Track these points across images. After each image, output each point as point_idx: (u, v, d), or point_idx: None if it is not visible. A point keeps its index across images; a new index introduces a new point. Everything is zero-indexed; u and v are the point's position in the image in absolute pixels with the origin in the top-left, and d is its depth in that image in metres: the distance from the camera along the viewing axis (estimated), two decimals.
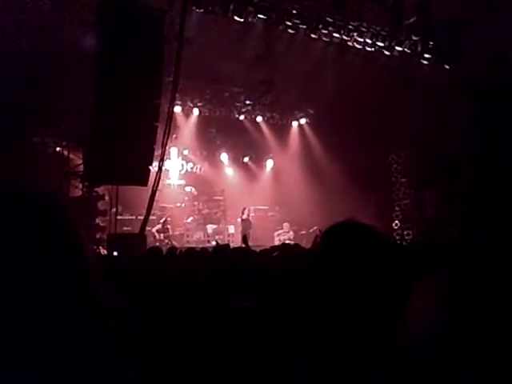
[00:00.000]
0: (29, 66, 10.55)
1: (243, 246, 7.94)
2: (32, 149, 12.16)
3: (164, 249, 8.40)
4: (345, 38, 12.62)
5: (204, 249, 5.06)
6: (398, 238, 14.76)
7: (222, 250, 4.12)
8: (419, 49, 13.14)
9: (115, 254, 9.20)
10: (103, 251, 11.04)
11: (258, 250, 7.19)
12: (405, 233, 15.09)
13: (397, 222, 15.45)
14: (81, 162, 11.88)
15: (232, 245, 11.69)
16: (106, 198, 12.37)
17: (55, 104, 11.56)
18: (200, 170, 18.03)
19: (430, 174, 14.43)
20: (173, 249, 6.92)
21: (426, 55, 13.30)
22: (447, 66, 13.36)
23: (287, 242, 12.92)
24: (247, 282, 3.21)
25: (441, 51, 13.19)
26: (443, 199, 14.02)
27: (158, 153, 11.18)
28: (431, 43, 13.14)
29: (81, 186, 11.77)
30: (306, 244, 8.52)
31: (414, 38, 13.02)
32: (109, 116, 9.51)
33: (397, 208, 15.60)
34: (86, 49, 10.46)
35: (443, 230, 12.97)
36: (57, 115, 12.01)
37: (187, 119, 16.91)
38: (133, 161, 9.77)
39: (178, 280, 3.43)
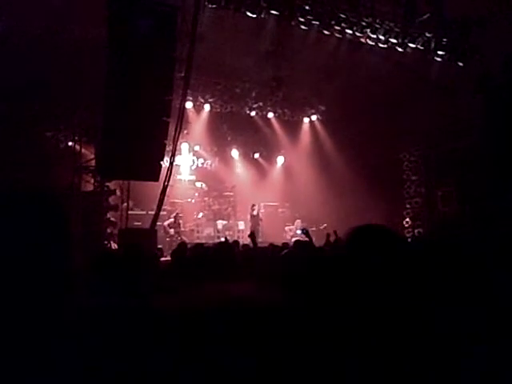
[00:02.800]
0: (41, 61, 10.61)
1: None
2: (45, 144, 12.24)
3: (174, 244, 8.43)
4: (358, 34, 12.53)
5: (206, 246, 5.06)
6: (408, 235, 14.70)
7: (225, 247, 4.11)
8: (432, 46, 13.02)
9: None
10: (114, 245, 11.12)
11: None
12: (415, 231, 15.02)
13: (407, 219, 15.38)
14: (93, 156, 11.95)
15: (241, 241, 11.75)
16: (118, 193, 12.43)
17: (67, 99, 11.62)
18: (211, 165, 18.06)
19: (441, 172, 14.34)
20: (183, 244, 6.93)
21: (440, 52, 13.17)
22: (460, 64, 13.23)
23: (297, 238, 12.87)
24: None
25: (454, 48, 13.06)
26: (455, 198, 13.94)
27: (169, 148, 11.22)
28: (444, 40, 13.01)
29: (92, 180, 11.83)
30: (317, 241, 8.49)
31: (428, 34, 12.90)
32: (120, 111, 9.53)
33: (408, 206, 15.53)
34: (99, 43, 10.48)
35: (455, 229, 12.89)
36: (69, 110, 12.08)
37: (198, 115, 16.92)
38: (144, 156, 9.80)
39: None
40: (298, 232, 14.67)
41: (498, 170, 11.94)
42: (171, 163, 11.02)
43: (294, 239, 13.04)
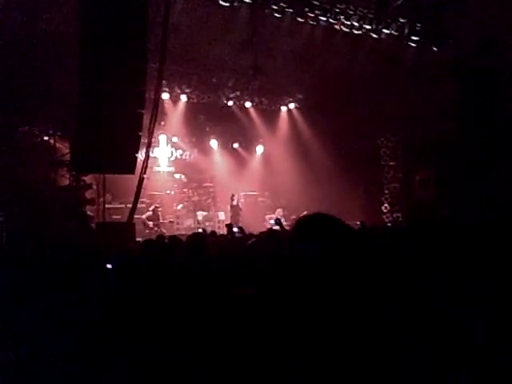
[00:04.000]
0: (14, 54, 10.43)
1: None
2: (20, 139, 12.04)
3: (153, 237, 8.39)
4: (332, 20, 12.52)
5: (177, 238, 5.03)
6: (387, 220, 14.83)
7: (197, 239, 4.09)
8: (406, 31, 13.07)
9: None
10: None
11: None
12: (394, 215, 15.14)
13: (386, 205, 15.50)
14: (68, 151, 11.79)
15: (220, 231, 11.74)
16: (94, 186, 12.29)
17: (41, 93, 11.43)
18: (189, 156, 17.94)
19: (419, 156, 14.44)
20: (161, 237, 6.89)
21: (414, 37, 13.23)
22: (435, 49, 13.30)
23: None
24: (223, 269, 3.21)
25: (428, 33, 13.12)
26: (433, 182, 14.06)
27: (145, 140, 11.12)
28: (418, 25, 13.07)
29: (68, 175, 11.68)
30: None
31: (401, 20, 12.95)
32: (93, 104, 9.42)
33: (386, 191, 15.64)
34: (71, 35, 10.32)
35: (432, 212, 13.02)
36: (43, 104, 11.89)
37: (175, 106, 16.79)
38: (119, 149, 9.69)
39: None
40: (272, 222, 14.71)
41: (475, 154, 12.06)
42: (147, 155, 10.93)
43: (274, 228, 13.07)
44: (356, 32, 12.91)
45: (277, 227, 10.69)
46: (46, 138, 12.54)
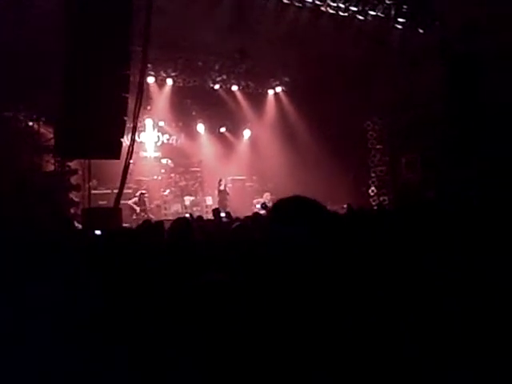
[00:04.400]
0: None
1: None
2: (3, 124, 11.89)
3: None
4: (317, 2, 12.44)
5: (160, 222, 5.02)
6: (374, 203, 14.90)
7: (181, 224, 4.08)
8: (393, 13, 13.03)
9: (98, 232, 9.12)
10: (78, 226, 10.96)
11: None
12: (381, 199, 15.22)
13: (373, 188, 15.57)
14: (52, 136, 11.67)
15: (208, 216, 11.73)
16: (80, 172, 12.20)
17: (26, 77, 11.28)
18: (176, 141, 17.82)
19: (405, 139, 14.49)
20: (146, 222, 6.86)
21: (400, 19, 13.19)
22: (421, 31, 13.28)
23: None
24: (205, 255, 3.21)
25: (414, 15, 13.08)
26: (419, 164, 14.13)
27: (130, 125, 11.02)
28: (405, 7, 13.02)
29: (53, 160, 11.57)
30: None
31: (388, 1, 12.90)
32: (78, 89, 9.32)
33: (373, 174, 15.70)
34: (55, 20, 10.16)
35: (419, 194, 13.10)
36: (28, 89, 11.73)
37: (161, 90, 16.65)
38: (104, 134, 9.62)
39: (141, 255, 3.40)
40: (258, 207, 14.74)
41: (460, 136, 12.12)
42: (133, 140, 10.84)
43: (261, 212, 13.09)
44: (342, 14, 12.84)
45: (263, 211, 10.72)
46: (30, 124, 12.40)
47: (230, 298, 1.72)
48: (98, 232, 9.19)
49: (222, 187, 15.91)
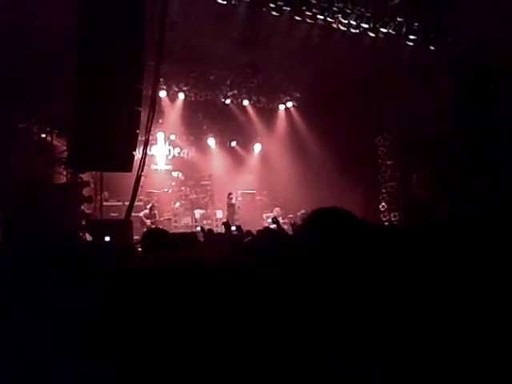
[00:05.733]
0: (10, 51, 10.41)
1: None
2: (18, 136, 12.02)
3: None
4: (329, 19, 12.53)
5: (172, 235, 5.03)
6: (384, 219, 14.84)
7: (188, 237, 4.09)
8: (404, 30, 13.08)
9: (107, 239, 9.18)
10: (89, 237, 11.02)
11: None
12: (392, 214, 15.16)
13: (383, 204, 15.52)
14: (65, 148, 11.77)
15: (218, 230, 11.74)
16: (92, 184, 12.29)
17: (39, 90, 11.42)
18: (187, 154, 17.92)
19: (416, 155, 14.46)
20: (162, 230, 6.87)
21: (412, 36, 13.23)
22: (432, 47, 13.32)
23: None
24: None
25: (426, 32, 13.13)
26: (430, 180, 14.08)
27: (142, 138, 11.10)
28: (416, 24, 13.07)
29: (65, 172, 11.66)
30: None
31: (399, 19, 12.95)
32: (91, 102, 9.40)
33: (383, 190, 15.66)
34: (69, 31, 10.30)
35: (429, 211, 13.04)
36: (40, 101, 11.87)
37: (173, 104, 16.78)
38: (116, 146, 9.69)
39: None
40: (269, 221, 14.72)
41: (472, 152, 12.09)
42: (145, 153, 10.92)
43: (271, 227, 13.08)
44: (353, 31, 12.91)
45: (274, 226, 10.71)
46: (43, 136, 12.53)
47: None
48: (107, 238, 9.27)
49: (233, 201, 15.93)
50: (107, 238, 8.69)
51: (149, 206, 14.89)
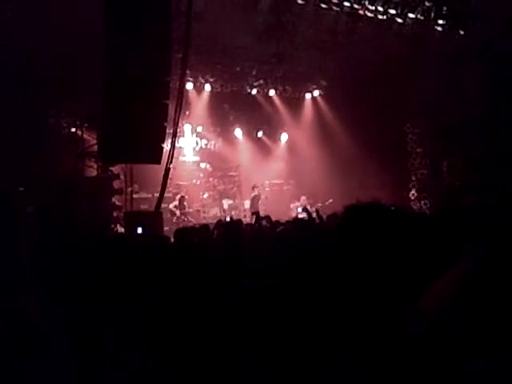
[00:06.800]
0: (39, 46, 10.57)
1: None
2: (48, 130, 12.24)
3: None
4: (356, 6, 12.36)
5: (205, 226, 5.06)
6: (415, 207, 14.68)
7: (229, 226, 4.12)
8: (432, 15, 12.82)
9: (139, 230, 9.32)
10: (121, 229, 11.20)
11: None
12: (422, 202, 14.99)
13: (413, 192, 15.34)
14: (95, 141, 11.95)
15: (246, 220, 11.78)
16: (122, 177, 12.46)
17: (68, 85, 11.59)
18: (214, 146, 18.00)
19: (446, 142, 14.23)
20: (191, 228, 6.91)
21: (440, 21, 12.96)
22: (462, 32, 13.03)
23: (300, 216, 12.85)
24: (254, 260, 3.23)
25: (455, 16, 12.84)
26: (461, 167, 13.86)
27: (170, 130, 11.20)
28: (445, 8, 12.79)
29: (96, 165, 11.86)
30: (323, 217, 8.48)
31: (427, 3, 12.69)
32: (119, 96, 9.50)
33: (413, 178, 15.48)
34: (96, 26, 10.39)
35: (460, 199, 12.84)
36: (70, 96, 12.05)
37: (199, 95, 16.85)
38: (145, 139, 9.78)
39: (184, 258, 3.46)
40: (299, 210, 14.70)
41: (502, 138, 11.84)
42: (173, 145, 11.02)
43: (299, 216, 13.07)
44: (380, 17, 12.71)
45: (303, 215, 10.70)
46: (73, 130, 12.74)
47: (280, 303, 1.73)
48: (139, 230, 9.40)
49: (256, 192, 15.94)
50: (139, 230, 8.81)
51: (178, 197, 15.03)
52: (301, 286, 1.78)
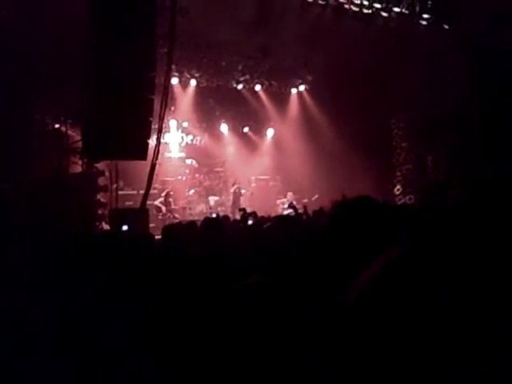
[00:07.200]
0: (23, 41, 10.41)
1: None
2: (32, 126, 12.07)
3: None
4: (341, 0, 12.37)
5: (193, 222, 5.01)
6: (399, 202, 14.75)
7: (214, 223, 4.08)
8: (417, 9, 12.88)
9: (125, 228, 9.23)
10: (106, 226, 11.10)
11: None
12: (407, 197, 15.06)
13: (398, 187, 15.42)
14: (79, 138, 11.81)
15: (234, 216, 11.74)
16: (107, 173, 12.35)
17: (52, 80, 11.43)
18: (200, 141, 17.92)
19: (431, 137, 14.30)
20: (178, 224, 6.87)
21: (425, 15, 13.03)
22: (446, 26, 13.10)
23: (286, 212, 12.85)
24: (241, 257, 3.20)
25: (439, 10, 12.91)
26: (446, 162, 13.94)
27: (156, 126, 11.11)
28: (429, 2, 12.86)
29: (80, 162, 11.72)
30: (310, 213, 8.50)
31: None
32: (104, 91, 9.40)
33: (398, 173, 15.55)
34: (81, 21, 10.25)
35: (444, 193, 12.92)
36: (54, 91, 11.89)
37: (185, 91, 16.75)
38: (130, 135, 9.69)
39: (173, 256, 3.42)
40: (285, 206, 14.74)
41: (487, 130, 11.92)
42: (159, 141, 10.93)
43: (285, 212, 13.07)
44: (366, 11, 12.74)
45: (289, 211, 10.70)
46: (57, 126, 12.58)
47: (276, 300, 1.69)
48: (125, 227, 9.32)
49: (234, 189, 15.95)
50: (125, 227, 8.73)
51: (164, 194, 14.94)
52: (291, 282, 1.75)
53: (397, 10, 12.78)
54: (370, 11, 12.71)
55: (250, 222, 7.24)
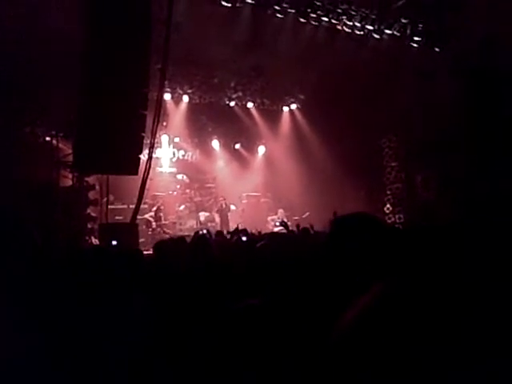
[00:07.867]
0: (15, 54, 10.42)
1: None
2: (23, 139, 12.03)
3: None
4: (334, 21, 12.54)
5: (182, 238, 5.00)
6: (389, 221, 14.81)
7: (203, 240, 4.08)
8: (408, 31, 13.08)
9: (114, 243, 9.16)
10: (95, 241, 11.03)
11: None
12: (396, 216, 15.13)
13: (388, 206, 15.49)
14: (70, 151, 11.78)
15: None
16: (97, 187, 12.30)
17: (44, 93, 11.43)
18: (191, 157, 17.93)
19: (421, 157, 14.43)
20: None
21: (416, 38, 13.23)
22: (437, 49, 13.31)
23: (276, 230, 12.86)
24: (235, 276, 3.20)
25: (430, 33, 13.13)
26: (435, 182, 14.05)
27: (148, 141, 11.12)
28: (420, 25, 13.07)
29: (71, 175, 11.68)
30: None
31: (404, 20, 12.95)
32: (96, 105, 9.42)
33: (388, 192, 15.64)
34: (73, 35, 10.30)
35: (434, 213, 13.00)
36: (46, 105, 11.88)
37: (177, 106, 16.79)
38: (122, 150, 9.70)
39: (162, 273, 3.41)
40: (277, 223, 14.74)
41: (477, 154, 12.05)
42: (150, 156, 10.93)
43: (275, 229, 13.08)
44: (358, 32, 12.92)
45: (280, 228, 10.70)
46: (48, 139, 12.54)
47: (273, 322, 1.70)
48: (114, 242, 9.25)
49: (223, 206, 15.99)
50: (114, 242, 8.66)
51: (154, 209, 14.90)
52: (287, 303, 1.76)
53: (388, 32, 12.97)
54: (362, 33, 12.89)
55: (244, 239, 7.21)
